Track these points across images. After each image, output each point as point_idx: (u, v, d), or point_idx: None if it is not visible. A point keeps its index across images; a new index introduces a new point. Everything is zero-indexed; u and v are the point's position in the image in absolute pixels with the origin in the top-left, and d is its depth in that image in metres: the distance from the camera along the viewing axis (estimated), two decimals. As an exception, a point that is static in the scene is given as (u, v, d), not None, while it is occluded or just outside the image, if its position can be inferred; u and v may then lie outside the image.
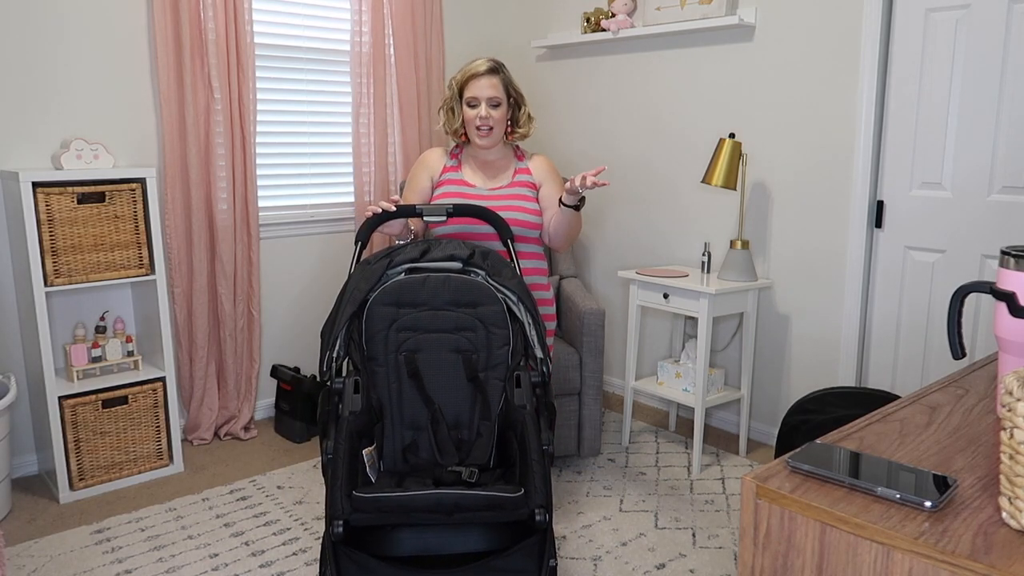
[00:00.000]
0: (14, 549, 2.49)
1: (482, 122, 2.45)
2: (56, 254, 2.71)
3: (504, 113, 2.49)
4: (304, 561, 2.43)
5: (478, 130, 2.47)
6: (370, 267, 2.16)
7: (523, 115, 2.55)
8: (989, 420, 1.14)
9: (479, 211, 2.29)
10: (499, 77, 2.47)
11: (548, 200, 2.52)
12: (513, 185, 2.53)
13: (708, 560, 2.45)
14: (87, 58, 2.99)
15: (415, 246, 2.21)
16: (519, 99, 2.54)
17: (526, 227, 2.48)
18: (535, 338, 2.14)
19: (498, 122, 2.48)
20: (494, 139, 2.50)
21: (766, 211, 3.27)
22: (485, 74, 2.46)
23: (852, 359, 3.06)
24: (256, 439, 3.42)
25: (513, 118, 2.54)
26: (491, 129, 2.47)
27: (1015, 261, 1.10)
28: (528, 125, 2.56)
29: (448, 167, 2.58)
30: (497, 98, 2.46)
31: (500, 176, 2.56)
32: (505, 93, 2.48)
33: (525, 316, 2.16)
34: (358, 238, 2.30)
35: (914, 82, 2.81)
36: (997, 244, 2.69)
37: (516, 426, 2.04)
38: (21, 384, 3.02)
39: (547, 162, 2.60)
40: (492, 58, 2.52)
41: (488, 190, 2.52)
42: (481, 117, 2.45)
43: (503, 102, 2.48)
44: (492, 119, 2.46)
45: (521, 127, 2.55)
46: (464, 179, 2.55)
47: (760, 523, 0.93)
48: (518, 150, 2.62)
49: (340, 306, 2.11)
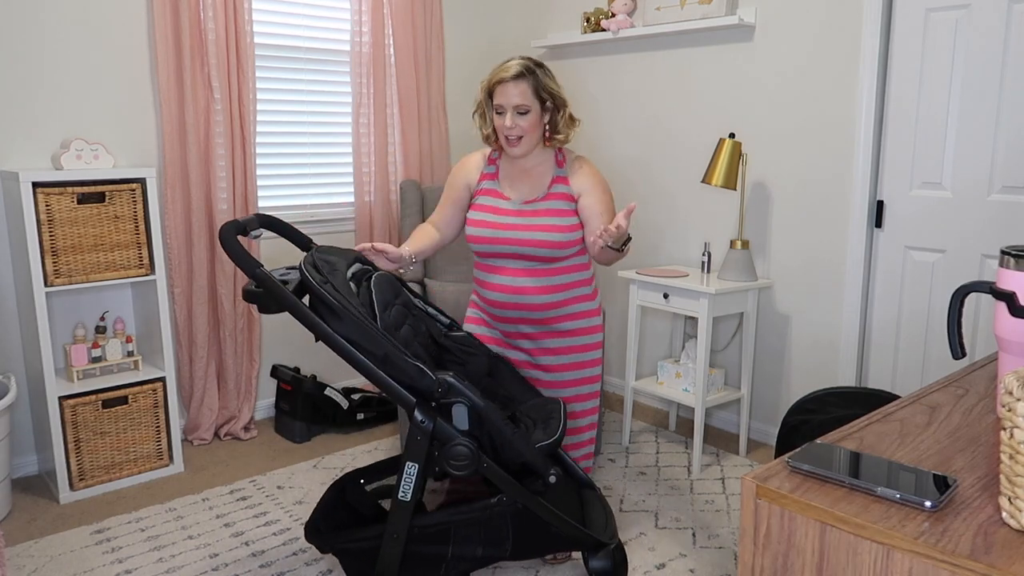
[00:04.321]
0: (14, 549, 2.49)
1: (509, 131, 2.26)
2: (56, 254, 2.71)
3: (536, 120, 2.27)
4: (304, 561, 2.43)
5: (507, 139, 2.28)
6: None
7: (563, 118, 2.33)
8: (989, 420, 1.14)
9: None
10: (528, 82, 2.24)
11: (588, 211, 2.30)
12: (549, 198, 2.32)
13: (708, 560, 2.45)
14: (87, 58, 2.99)
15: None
16: (557, 101, 2.30)
17: (558, 247, 2.28)
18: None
19: (528, 131, 2.27)
20: (524, 148, 2.29)
21: (766, 211, 3.27)
22: (512, 80, 2.24)
23: (852, 359, 3.06)
24: (256, 439, 3.42)
25: (551, 121, 2.32)
26: (520, 138, 2.27)
27: (1015, 261, 1.10)
28: (569, 129, 2.34)
29: (485, 174, 2.41)
30: (525, 106, 2.24)
31: (537, 186, 2.35)
32: (536, 98, 2.26)
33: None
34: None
35: (914, 82, 2.81)
36: (997, 244, 2.69)
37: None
38: (21, 384, 3.02)
39: (588, 169, 2.36)
40: (526, 58, 2.28)
41: (522, 204, 2.32)
42: (507, 127, 2.25)
43: (533, 108, 2.26)
44: (520, 128, 2.25)
45: (560, 132, 2.33)
46: (500, 191, 2.37)
47: (760, 523, 0.93)
48: (560, 154, 2.38)
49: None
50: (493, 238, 2.31)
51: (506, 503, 2.03)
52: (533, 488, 2.03)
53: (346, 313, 1.88)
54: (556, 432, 2.05)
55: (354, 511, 2.32)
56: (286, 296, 1.90)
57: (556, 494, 2.13)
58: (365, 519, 2.33)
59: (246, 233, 2.05)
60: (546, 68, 2.30)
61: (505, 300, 2.34)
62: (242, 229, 2.03)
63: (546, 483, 2.02)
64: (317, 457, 3.23)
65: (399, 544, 1.99)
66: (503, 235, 2.30)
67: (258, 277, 1.92)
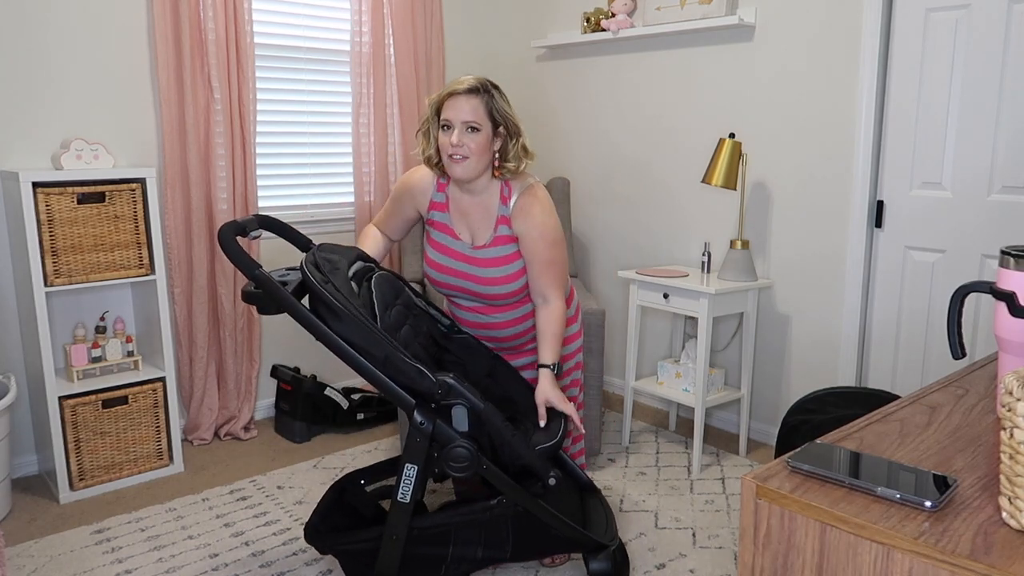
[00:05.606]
0: (14, 549, 2.49)
1: (455, 150, 2.06)
2: (56, 254, 2.71)
3: (485, 142, 2.07)
4: (304, 561, 2.43)
5: (451, 158, 2.08)
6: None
7: (515, 147, 2.13)
8: (989, 420, 1.14)
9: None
10: (481, 98, 2.06)
11: (527, 255, 2.17)
12: (496, 243, 2.18)
13: (708, 560, 2.45)
14: (87, 58, 2.99)
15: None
16: (510, 127, 2.11)
17: (512, 296, 2.22)
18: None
19: (475, 152, 2.06)
20: (468, 170, 2.08)
21: (766, 211, 3.27)
22: (464, 93, 2.06)
23: (852, 359, 3.06)
24: (256, 439, 3.42)
25: (502, 149, 2.12)
26: (465, 159, 2.07)
27: (1015, 261, 1.10)
28: (520, 160, 2.14)
29: (436, 203, 2.26)
30: (475, 123, 2.05)
31: (484, 225, 2.20)
32: (489, 118, 2.07)
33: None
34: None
35: (914, 82, 2.81)
36: (997, 244, 2.69)
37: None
38: (21, 384, 3.02)
39: (533, 211, 2.15)
40: (483, 78, 2.11)
41: (472, 248, 2.20)
42: (453, 144, 2.05)
43: (485, 128, 2.06)
44: (467, 147, 2.05)
45: (509, 161, 2.13)
46: (454, 229, 2.23)
47: (760, 523, 0.93)
48: (506, 187, 2.17)
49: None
50: (448, 284, 2.27)
51: (506, 505, 2.03)
52: (533, 490, 2.03)
53: (346, 314, 1.88)
54: (557, 434, 2.05)
55: (354, 512, 2.32)
56: (285, 297, 1.90)
57: (557, 496, 2.13)
58: (365, 520, 2.33)
59: (245, 234, 2.05)
60: (502, 92, 2.13)
61: (477, 333, 2.35)
62: (241, 230, 2.02)
63: (546, 485, 2.02)
64: (317, 457, 3.23)
65: (398, 545, 1.99)
66: (458, 282, 2.25)
67: (257, 278, 1.92)
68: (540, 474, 2.01)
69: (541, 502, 2.02)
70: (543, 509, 2.02)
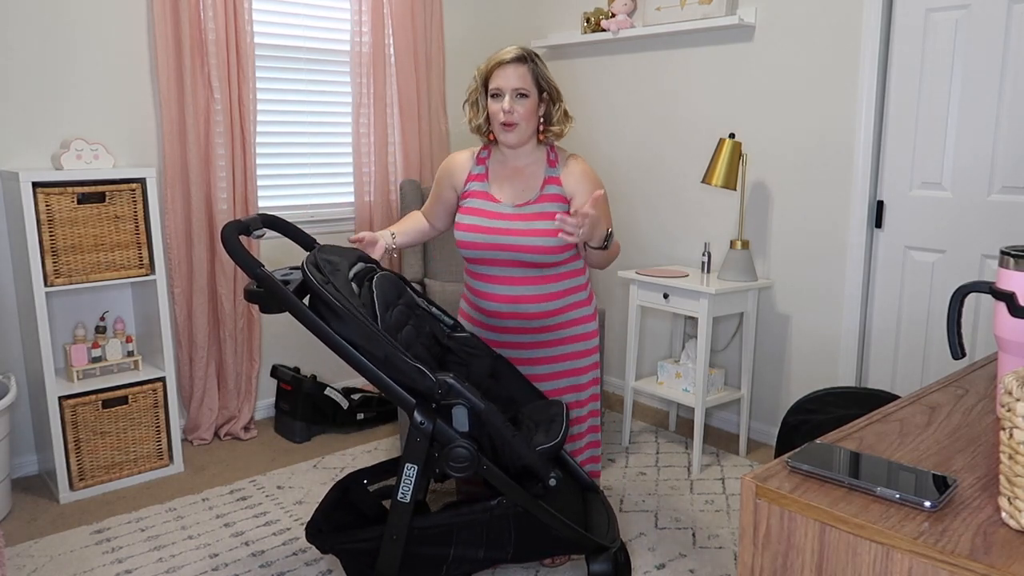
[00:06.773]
0: (14, 549, 2.49)
1: (506, 116, 2.17)
2: (56, 254, 2.71)
3: (533, 107, 2.20)
4: (304, 561, 2.43)
5: (503, 125, 2.18)
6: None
7: (558, 112, 2.25)
8: (989, 420, 1.14)
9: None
10: (528, 67, 2.18)
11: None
12: (541, 200, 2.24)
13: (708, 560, 2.45)
14: (87, 58, 2.99)
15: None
16: (553, 93, 2.24)
17: (553, 253, 2.22)
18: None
19: (525, 117, 2.18)
20: (520, 136, 2.20)
21: (766, 211, 3.27)
22: (512, 62, 2.17)
23: (852, 359, 3.06)
24: (256, 439, 3.42)
25: (546, 115, 2.25)
26: (516, 125, 2.18)
27: (1015, 261, 1.10)
28: (564, 123, 2.27)
29: (473, 175, 2.32)
30: (524, 89, 2.17)
31: (529, 188, 2.27)
32: (535, 85, 2.19)
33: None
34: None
35: (914, 82, 2.81)
36: (997, 244, 2.69)
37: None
38: (21, 384, 3.02)
39: (582, 168, 2.27)
40: (525, 47, 2.22)
41: (514, 207, 2.24)
42: (505, 110, 2.16)
43: (532, 94, 2.18)
44: (517, 113, 2.17)
45: (555, 125, 2.26)
46: (490, 193, 2.28)
47: (760, 523, 0.93)
48: (552, 152, 2.30)
49: None
50: (485, 243, 2.24)
51: (507, 505, 2.03)
52: (534, 491, 2.03)
53: (347, 314, 1.88)
54: (558, 435, 2.05)
55: (356, 511, 2.32)
56: (287, 296, 1.90)
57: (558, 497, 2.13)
58: (367, 519, 2.33)
59: (248, 233, 2.05)
60: (542, 60, 2.25)
61: (504, 310, 2.30)
62: (244, 229, 2.02)
63: (546, 486, 2.02)
64: (317, 457, 3.23)
65: (398, 545, 1.99)
66: (495, 240, 2.23)
67: (259, 277, 1.92)
68: (541, 475, 2.01)
69: (541, 503, 2.02)
70: (543, 510, 2.02)
